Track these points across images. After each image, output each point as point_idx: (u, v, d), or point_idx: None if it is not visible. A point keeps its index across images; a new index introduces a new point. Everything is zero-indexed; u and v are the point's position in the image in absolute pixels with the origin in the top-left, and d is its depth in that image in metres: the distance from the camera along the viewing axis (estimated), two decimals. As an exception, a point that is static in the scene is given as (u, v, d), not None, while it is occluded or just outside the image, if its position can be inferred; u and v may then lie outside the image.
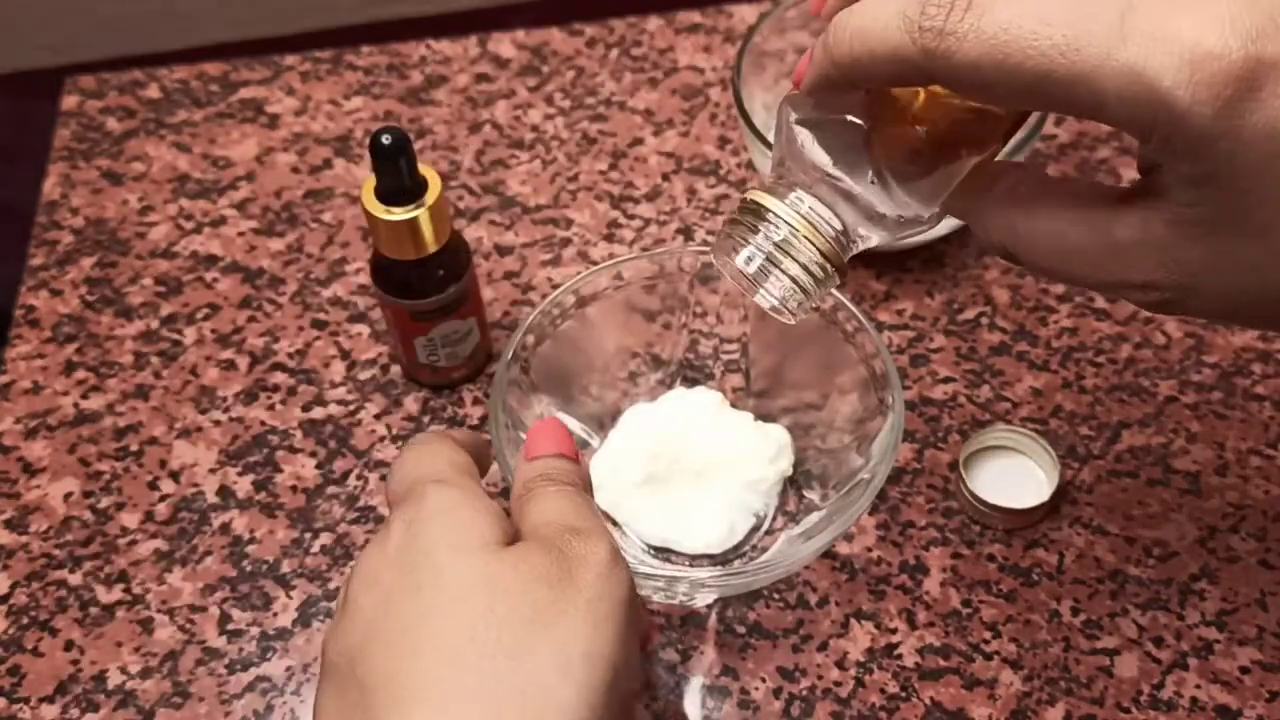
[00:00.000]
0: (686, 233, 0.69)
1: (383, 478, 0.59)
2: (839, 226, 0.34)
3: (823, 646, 0.52)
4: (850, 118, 0.33)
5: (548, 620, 0.32)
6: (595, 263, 0.67)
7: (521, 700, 0.30)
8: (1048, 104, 0.29)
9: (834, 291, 0.51)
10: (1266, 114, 0.26)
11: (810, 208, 0.34)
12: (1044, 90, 0.28)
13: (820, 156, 0.34)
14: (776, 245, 0.34)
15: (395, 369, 0.63)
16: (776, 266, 0.35)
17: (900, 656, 0.52)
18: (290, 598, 0.55)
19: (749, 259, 0.35)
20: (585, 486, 0.38)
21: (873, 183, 0.33)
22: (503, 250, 0.68)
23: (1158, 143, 0.28)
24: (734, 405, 0.57)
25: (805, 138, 0.34)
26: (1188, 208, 0.28)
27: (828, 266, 0.35)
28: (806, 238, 0.34)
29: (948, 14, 0.28)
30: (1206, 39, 0.26)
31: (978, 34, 0.28)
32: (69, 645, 0.53)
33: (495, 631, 0.31)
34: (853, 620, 0.53)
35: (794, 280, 0.35)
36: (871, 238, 0.35)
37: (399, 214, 0.53)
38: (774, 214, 0.34)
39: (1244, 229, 0.28)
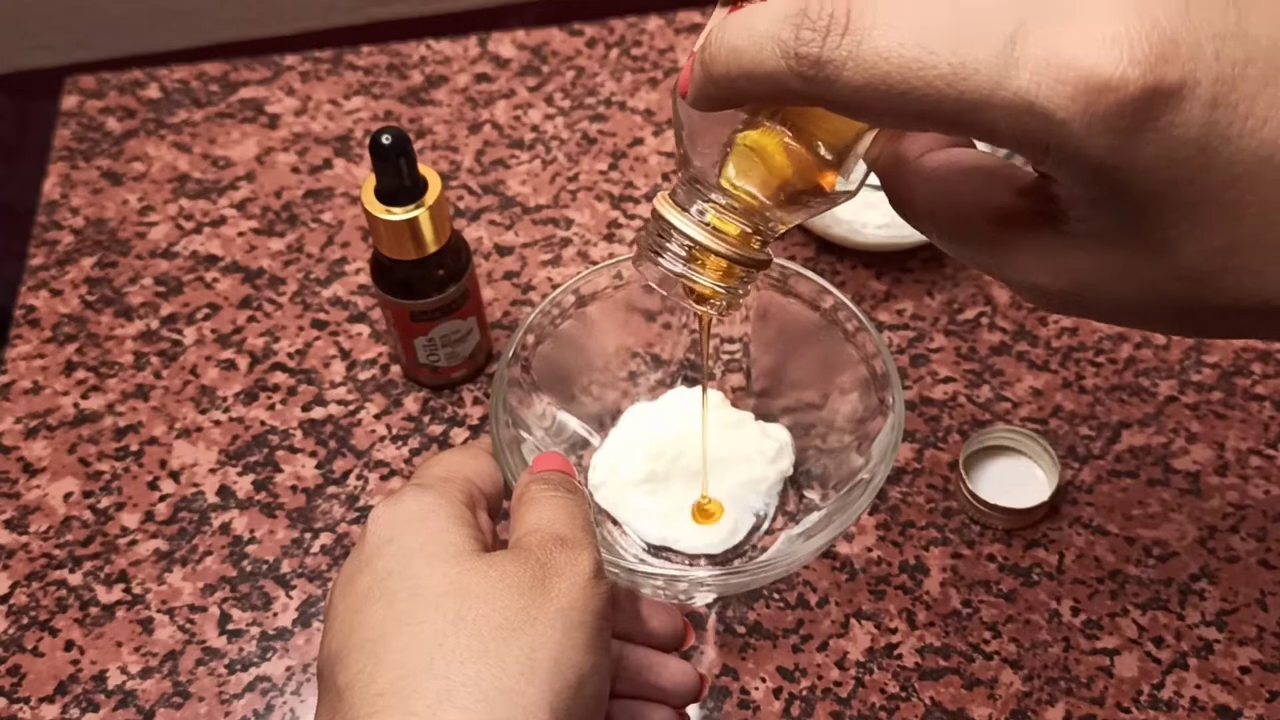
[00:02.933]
0: (686, 233, 0.69)
1: (383, 478, 0.59)
2: (747, 227, 0.34)
3: (823, 646, 0.52)
4: (739, 128, 0.32)
5: (516, 626, 0.32)
6: (595, 263, 0.67)
7: (487, 705, 0.30)
8: (936, 129, 0.27)
9: (834, 291, 0.51)
10: (1164, 142, 0.25)
11: (714, 216, 0.34)
12: (931, 118, 0.26)
13: (719, 158, 0.33)
14: (684, 261, 0.34)
15: (395, 369, 0.63)
16: (690, 276, 0.35)
17: (900, 656, 0.52)
18: (290, 598, 0.55)
19: (662, 274, 0.35)
20: (584, 497, 0.39)
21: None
22: (503, 250, 0.68)
23: (1051, 167, 0.26)
24: (734, 405, 0.57)
25: (699, 142, 0.33)
26: (1081, 222, 0.27)
27: (740, 270, 0.34)
28: (712, 250, 0.34)
29: (824, 39, 0.26)
30: (1102, 68, 0.24)
31: (857, 62, 0.26)
32: (69, 645, 0.53)
33: (464, 639, 0.31)
34: (853, 620, 0.53)
35: (709, 287, 0.35)
36: (792, 219, 0.34)
37: (399, 214, 0.53)
38: (676, 229, 0.34)
39: (1137, 250, 0.27)
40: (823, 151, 0.32)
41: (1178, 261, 0.27)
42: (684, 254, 0.34)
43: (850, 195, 0.34)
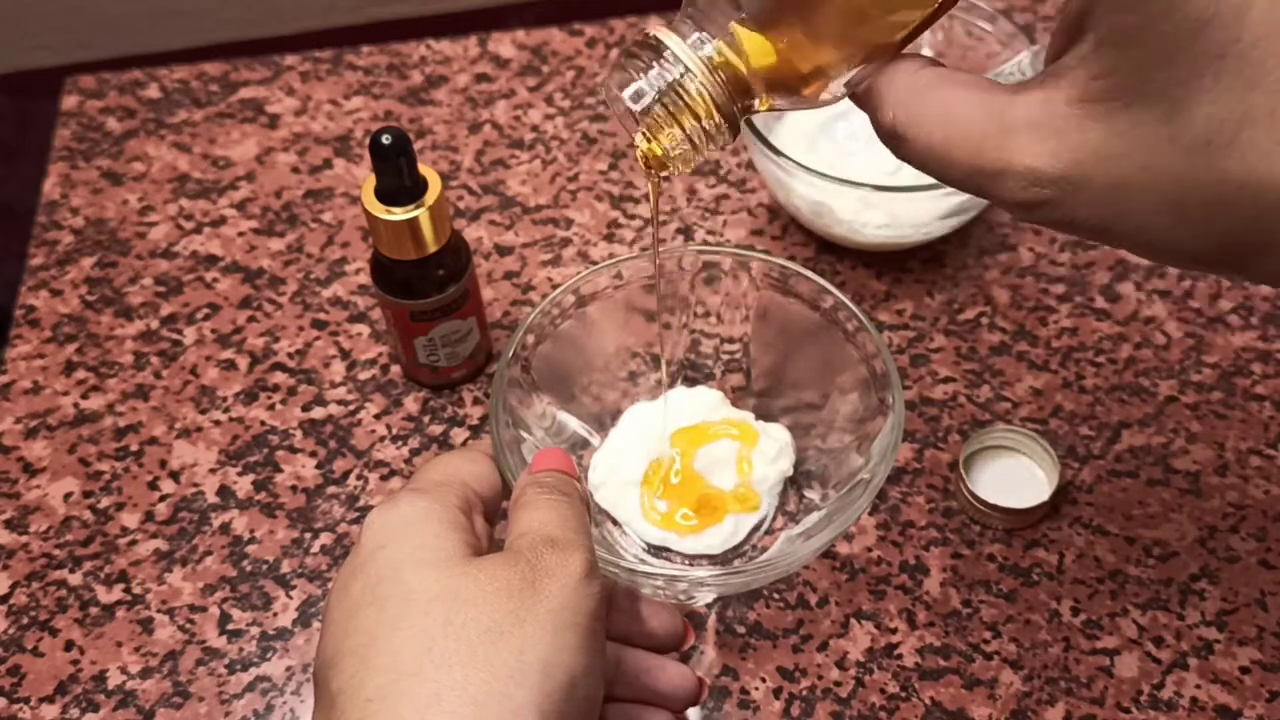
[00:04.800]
0: (686, 233, 0.69)
1: (383, 478, 0.59)
2: (740, 75, 0.32)
3: (823, 646, 0.52)
4: None
5: (505, 629, 0.32)
6: (595, 263, 0.67)
7: (475, 708, 0.30)
8: None
9: (834, 291, 0.51)
10: None
11: (712, 53, 0.32)
12: None
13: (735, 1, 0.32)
14: (669, 85, 0.32)
15: (395, 369, 0.63)
16: (665, 109, 0.33)
17: (900, 656, 0.52)
18: (290, 598, 0.55)
19: (637, 95, 0.33)
20: (581, 499, 0.39)
21: None
22: (503, 250, 0.68)
23: None
24: (734, 405, 0.57)
25: None
26: (1098, 79, 0.27)
27: (719, 120, 0.33)
28: (702, 84, 0.32)
29: None
30: None
31: None
32: (69, 645, 0.53)
33: (453, 642, 0.31)
34: (853, 620, 0.53)
35: (681, 128, 0.33)
36: (774, 100, 0.33)
37: (399, 214, 0.53)
38: (671, 52, 0.32)
39: (1152, 105, 0.27)
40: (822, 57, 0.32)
41: (1189, 125, 0.27)
42: (658, 87, 0.32)
43: (834, 101, 0.33)
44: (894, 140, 0.32)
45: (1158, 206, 0.28)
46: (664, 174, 0.35)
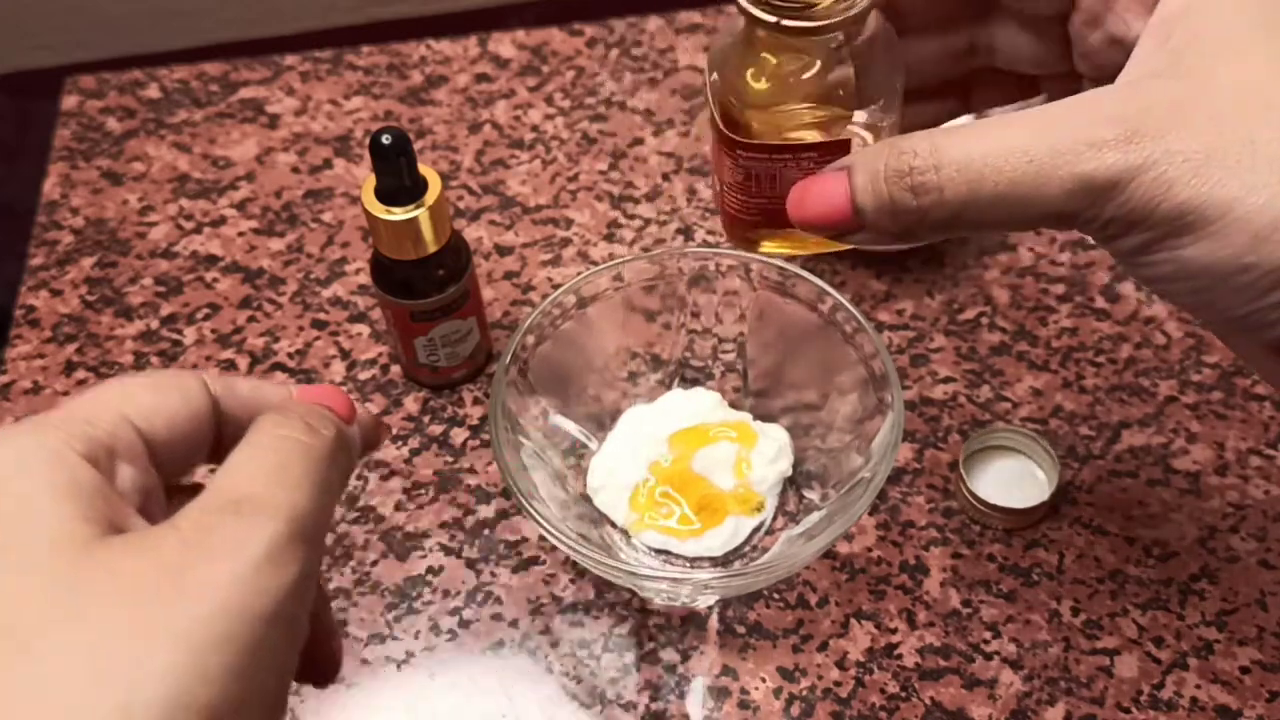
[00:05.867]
0: (686, 233, 0.69)
1: (383, 478, 0.59)
2: None
3: (823, 646, 0.52)
4: None
5: (113, 656, 0.21)
6: (595, 263, 0.67)
7: None
8: None
9: (833, 292, 0.51)
10: None
11: None
12: None
13: None
14: None
15: (395, 369, 0.63)
16: None
17: (900, 656, 0.52)
18: (290, 598, 0.54)
19: None
20: (335, 444, 0.27)
21: None
22: (503, 250, 0.68)
23: None
24: (733, 405, 0.57)
25: None
26: (1189, 43, 0.28)
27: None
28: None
29: None
30: None
31: None
32: (69, 645, 0.53)
33: (30, 684, 0.21)
34: (853, 620, 0.53)
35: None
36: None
37: (399, 214, 0.53)
38: None
39: (1248, 52, 0.27)
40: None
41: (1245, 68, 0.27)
42: None
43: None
44: (922, 194, 0.31)
45: (1245, 139, 0.27)
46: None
